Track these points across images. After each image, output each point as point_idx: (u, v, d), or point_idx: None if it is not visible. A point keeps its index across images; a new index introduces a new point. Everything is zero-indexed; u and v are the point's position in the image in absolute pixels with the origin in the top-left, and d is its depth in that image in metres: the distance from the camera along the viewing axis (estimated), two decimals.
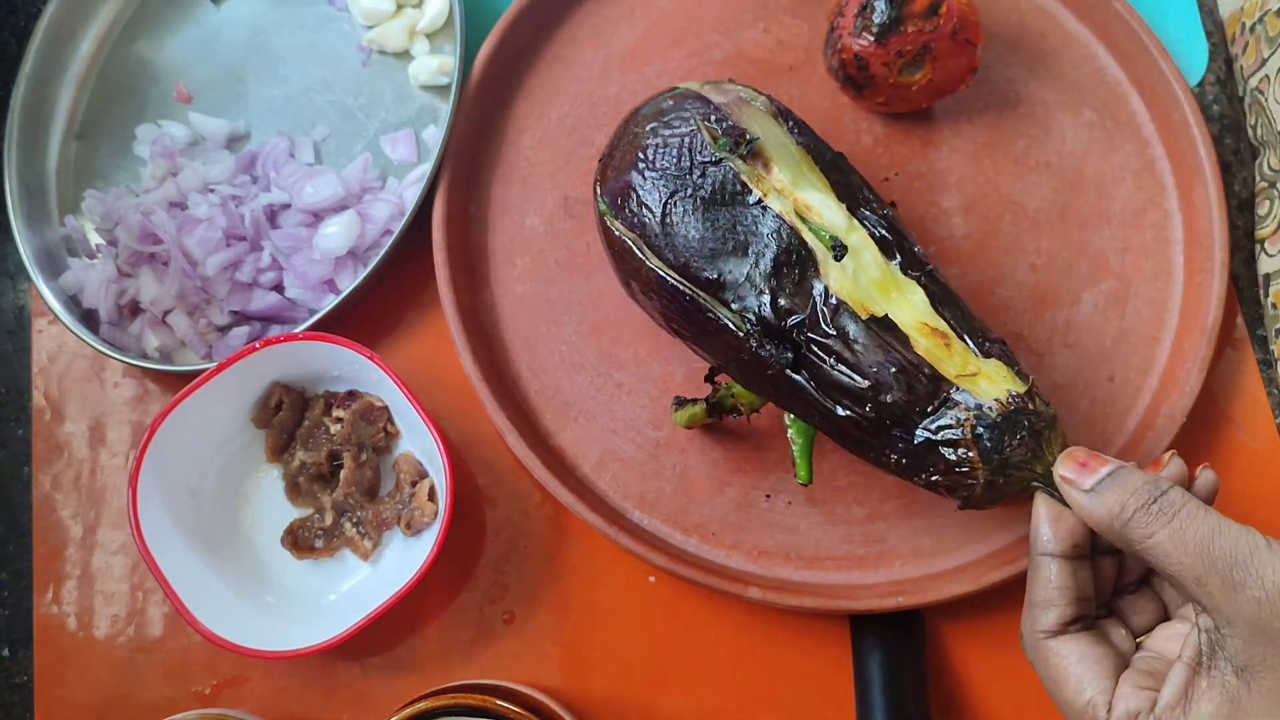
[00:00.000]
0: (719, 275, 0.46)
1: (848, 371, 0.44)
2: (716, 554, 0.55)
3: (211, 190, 0.61)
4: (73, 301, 0.60)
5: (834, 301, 0.45)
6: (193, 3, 0.67)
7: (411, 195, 0.60)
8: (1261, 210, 0.59)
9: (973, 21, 0.55)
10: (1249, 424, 0.58)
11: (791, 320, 0.45)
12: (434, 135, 0.62)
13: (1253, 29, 0.60)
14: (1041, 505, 0.42)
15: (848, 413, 0.45)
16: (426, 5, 0.64)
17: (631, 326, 0.58)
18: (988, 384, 0.43)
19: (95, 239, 0.62)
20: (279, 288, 0.60)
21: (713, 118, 0.48)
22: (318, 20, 0.66)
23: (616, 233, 0.48)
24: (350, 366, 0.55)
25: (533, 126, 0.62)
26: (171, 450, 0.53)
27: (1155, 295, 0.58)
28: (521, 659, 0.55)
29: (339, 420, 0.56)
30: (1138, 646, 0.42)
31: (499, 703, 0.46)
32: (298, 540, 0.56)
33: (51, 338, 0.61)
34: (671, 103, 0.49)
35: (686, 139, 0.47)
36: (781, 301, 0.45)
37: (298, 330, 0.56)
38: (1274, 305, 0.58)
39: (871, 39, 0.54)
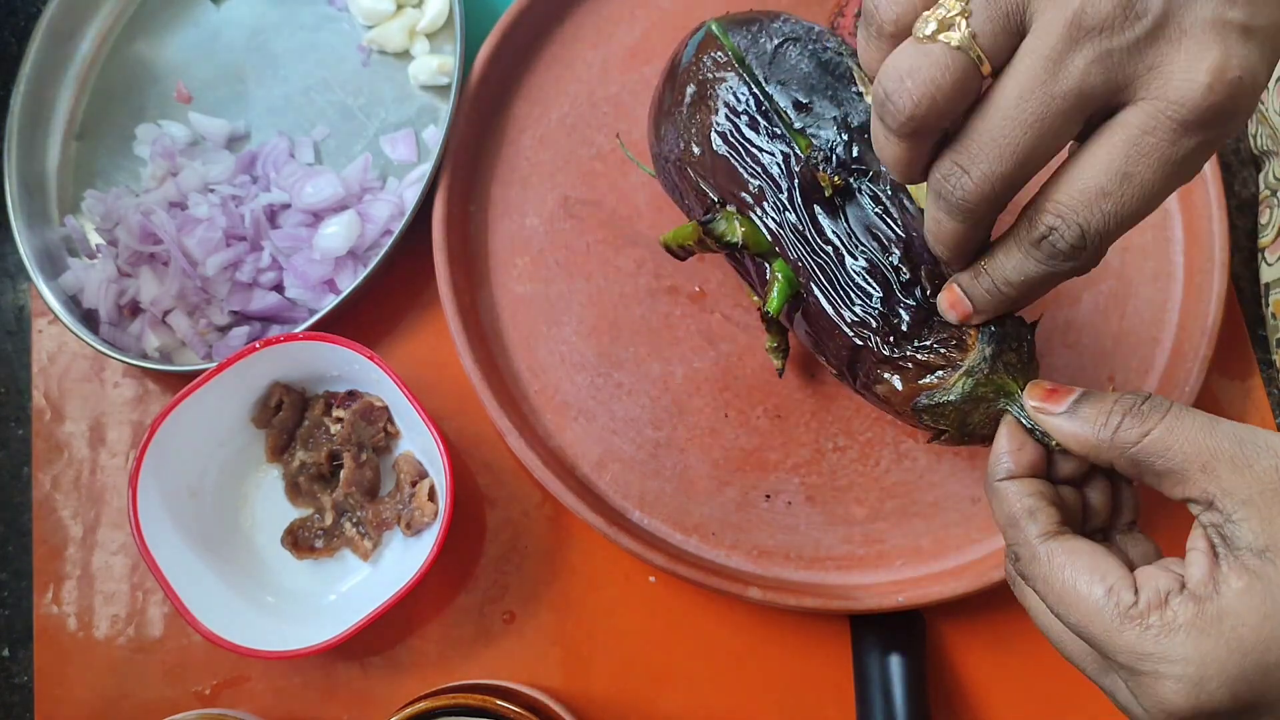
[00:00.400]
0: (809, 101, 0.48)
1: (890, 220, 0.45)
2: (716, 554, 0.55)
3: (211, 190, 0.61)
4: (73, 301, 0.60)
5: (895, 180, 0.46)
6: (193, 3, 0.67)
7: (411, 195, 0.60)
8: (1263, 219, 0.59)
9: None
10: (1249, 424, 0.58)
11: (855, 166, 0.47)
12: (434, 135, 0.62)
13: None
14: (1004, 436, 0.40)
15: (864, 263, 0.45)
16: (426, 5, 0.64)
17: (631, 326, 0.58)
18: None
19: (95, 239, 0.62)
20: (279, 288, 0.60)
21: (835, 36, 0.52)
22: (318, 20, 0.66)
23: (714, 52, 0.50)
24: (350, 366, 0.55)
25: (533, 126, 0.62)
26: (171, 450, 0.53)
27: (1155, 295, 0.58)
28: (521, 659, 0.55)
29: (339, 420, 0.56)
30: None
31: (499, 703, 0.46)
32: (298, 540, 0.56)
33: (51, 338, 0.61)
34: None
35: (814, 30, 0.51)
36: (855, 150, 0.47)
37: (298, 330, 0.56)
38: (1274, 315, 0.58)
39: None
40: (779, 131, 0.48)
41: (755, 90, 0.49)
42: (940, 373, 0.43)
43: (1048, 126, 0.33)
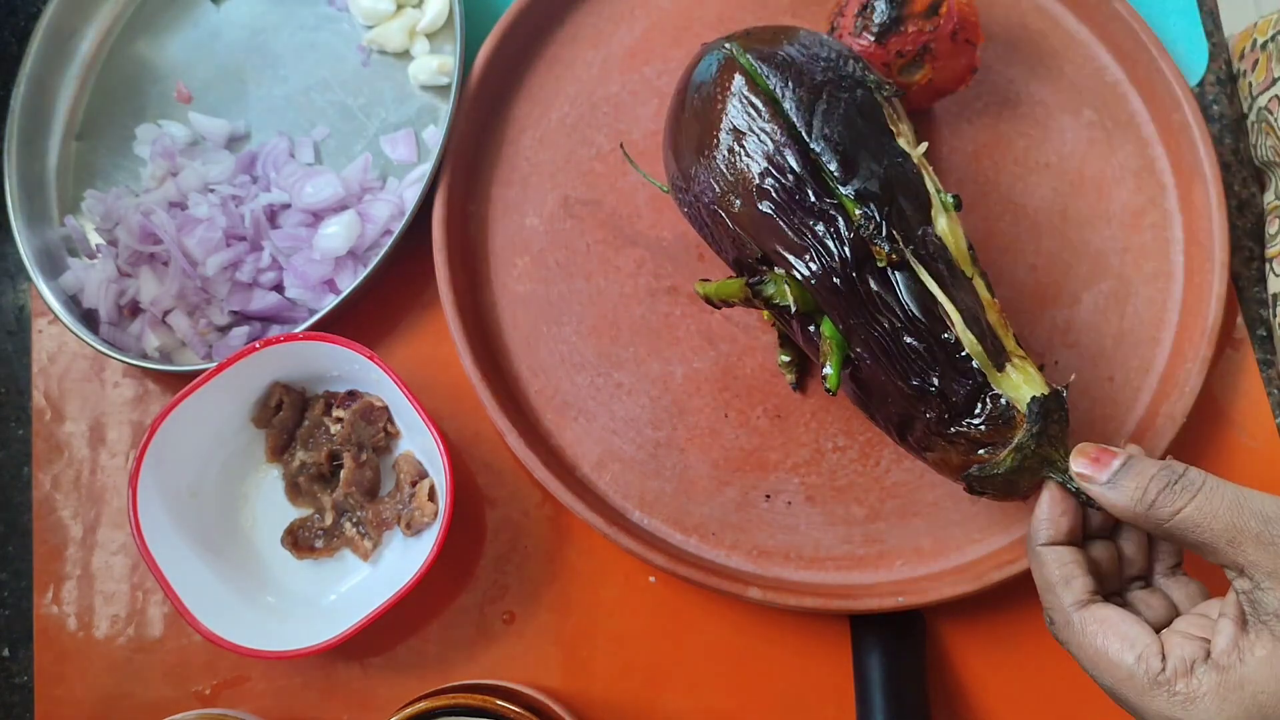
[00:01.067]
0: (854, 159, 0.47)
1: (943, 292, 0.45)
2: (716, 554, 0.55)
3: (211, 190, 0.61)
4: (73, 301, 0.60)
5: (937, 240, 0.46)
6: (193, 3, 0.67)
7: (411, 195, 0.60)
8: (1271, 229, 0.59)
9: (973, 21, 0.55)
10: (1249, 424, 0.58)
11: (900, 232, 0.46)
12: (434, 135, 0.62)
13: (1264, 46, 0.60)
14: (1046, 502, 0.43)
15: (920, 338, 0.45)
16: (426, 5, 0.64)
17: (631, 326, 0.58)
18: (1034, 372, 0.45)
19: (95, 239, 0.62)
20: (279, 288, 0.60)
21: (855, 58, 0.51)
22: (318, 20, 0.66)
23: (744, 89, 0.48)
24: (350, 366, 0.55)
25: (533, 126, 0.62)
26: (171, 450, 0.53)
27: (1155, 295, 0.58)
28: (521, 659, 0.55)
29: (339, 420, 0.56)
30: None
31: (499, 703, 0.46)
32: (298, 540, 0.56)
33: (51, 338, 0.61)
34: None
35: (841, 52, 0.50)
36: (899, 213, 0.46)
37: (298, 330, 0.56)
38: None
39: (871, 39, 0.54)
40: (826, 195, 0.46)
41: (799, 147, 0.47)
42: (991, 448, 0.44)
43: None
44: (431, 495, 0.55)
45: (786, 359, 0.56)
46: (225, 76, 0.65)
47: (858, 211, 0.46)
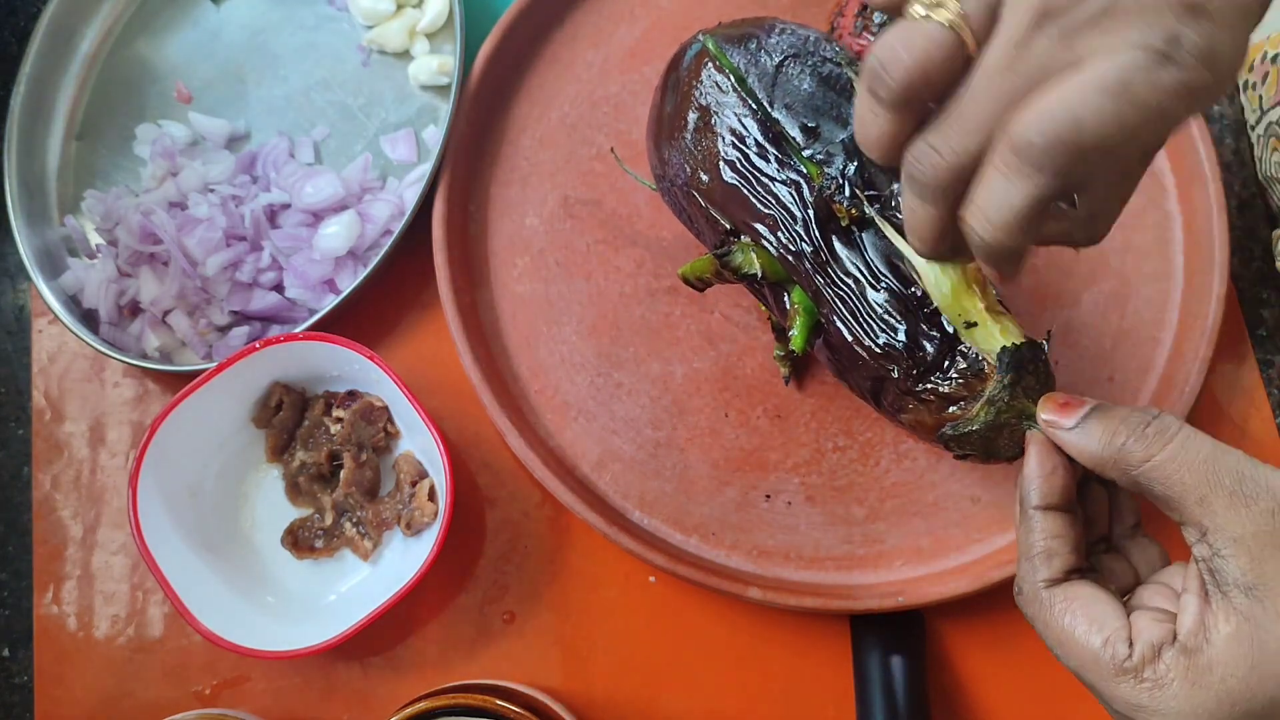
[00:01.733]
0: (816, 125, 0.47)
1: (905, 248, 0.45)
2: (716, 554, 0.55)
3: (211, 190, 0.61)
4: (73, 301, 0.60)
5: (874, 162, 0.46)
6: (193, 3, 0.67)
7: (411, 195, 0.60)
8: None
9: None
10: (1249, 424, 0.58)
11: (868, 193, 0.46)
12: (434, 135, 0.62)
13: (1275, 60, 0.59)
14: (1034, 457, 0.40)
15: (886, 294, 0.45)
16: (426, 5, 0.64)
17: (631, 326, 0.58)
18: (1012, 326, 0.44)
19: (95, 239, 0.62)
20: (279, 288, 0.60)
21: (829, 40, 0.51)
22: (318, 20, 0.66)
23: (713, 72, 0.49)
24: (350, 366, 0.55)
25: (533, 126, 0.62)
26: (171, 450, 0.53)
27: (1155, 295, 0.58)
28: (521, 659, 0.55)
29: (339, 420, 0.56)
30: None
31: (499, 703, 0.46)
32: (298, 540, 0.56)
33: (51, 338, 0.61)
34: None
35: (811, 36, 0.50)
36: (867, 175, 0.46)
37: (298, 330, 0.56)
38: None
39: (872, 39, 0.54)
40: (789, 160, 0.47)
41: (761, 117, 0.48)
42: (963, 403, 0.43)
43: (1011, 99, 0.33)
44: (431, 495, 0.55)
45: (781, 353, 0.56)
46: (225, 76, 0.65)
47: (819, 173, 0.46)
